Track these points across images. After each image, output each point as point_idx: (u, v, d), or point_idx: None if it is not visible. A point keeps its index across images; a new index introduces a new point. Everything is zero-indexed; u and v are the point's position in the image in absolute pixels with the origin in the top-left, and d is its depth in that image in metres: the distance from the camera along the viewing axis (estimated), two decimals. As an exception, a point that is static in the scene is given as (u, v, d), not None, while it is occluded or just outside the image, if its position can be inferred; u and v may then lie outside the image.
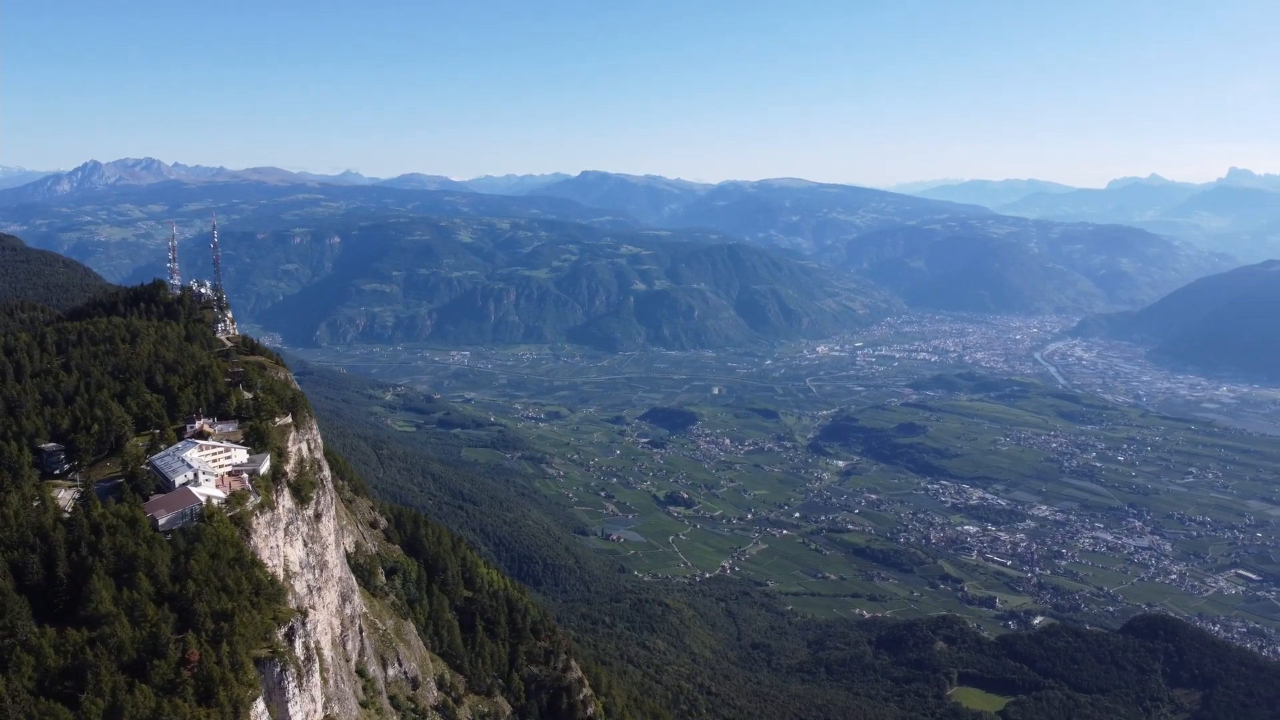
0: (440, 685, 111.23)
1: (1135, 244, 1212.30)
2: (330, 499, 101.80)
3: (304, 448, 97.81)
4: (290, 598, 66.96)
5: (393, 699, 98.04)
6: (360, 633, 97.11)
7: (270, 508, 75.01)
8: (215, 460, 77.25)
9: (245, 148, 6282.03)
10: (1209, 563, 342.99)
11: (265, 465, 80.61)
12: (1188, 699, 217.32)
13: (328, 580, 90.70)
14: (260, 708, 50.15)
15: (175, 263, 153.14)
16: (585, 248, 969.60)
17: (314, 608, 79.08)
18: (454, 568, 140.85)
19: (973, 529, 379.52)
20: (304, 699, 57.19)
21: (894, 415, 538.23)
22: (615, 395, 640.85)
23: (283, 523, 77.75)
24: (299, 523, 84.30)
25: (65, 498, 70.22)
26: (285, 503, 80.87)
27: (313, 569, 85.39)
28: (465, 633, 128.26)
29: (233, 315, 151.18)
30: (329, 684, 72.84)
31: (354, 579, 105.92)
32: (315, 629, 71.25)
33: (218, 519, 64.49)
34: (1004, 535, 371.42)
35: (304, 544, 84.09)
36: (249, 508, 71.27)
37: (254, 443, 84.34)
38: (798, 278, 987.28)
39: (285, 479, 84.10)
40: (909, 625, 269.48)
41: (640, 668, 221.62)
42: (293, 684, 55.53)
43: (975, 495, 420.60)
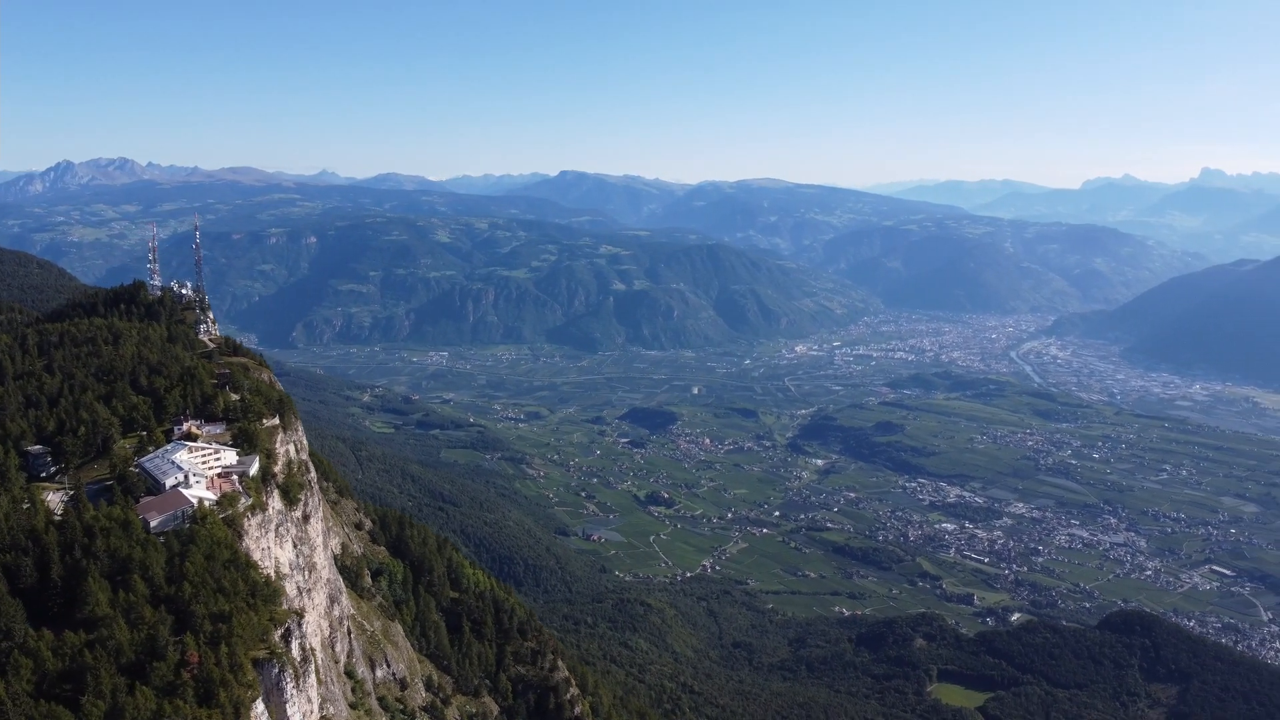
0: (428, 686, 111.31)
1: (1109, 244, 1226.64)
2: (317, 500, 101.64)
3: (291, 449, 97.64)
4: (284, 599, 66.93)
5: (381, 700, 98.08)
6: (349, 634, 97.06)
7: (261, 509, 74.94)
8: (205, 462, 77.02)
9: (220, 147, 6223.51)
10: (1183, 559, 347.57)
11: (254, 467, 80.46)
12: (1164, 693, 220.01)
13: (316, 582, 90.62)
14: (260, 708, 50.29)
15: (155, 263, 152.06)
16: (564, 248, 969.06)
17: (304, 609, 78.98)
18: (440, 569, 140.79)
19: (950, 527, 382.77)
20: (301, 700, 57.31)
21: (872, 414, 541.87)
22: (595, 395, 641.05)
23: (273, 524, 77.70)
24: (288, 524, 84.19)
25: (54, 500, 69.84)
26: (275, 504, 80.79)
27: (302, 570, 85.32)
28: (452, 633, 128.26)
29: (214, 316, 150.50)
30: (324, 685, 72.85)
31: (341, 580, 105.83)
32: (308, 630, 71.25)
33: (211, 521, 64.39)
34: (981, 533, 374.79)
35: (293, 546, 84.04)
36: (241, 509, 71.18)
37: (243, 444, 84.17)
38: (776, 278, 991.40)
39: (274, 481, 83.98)
40: (888, 623, 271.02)
41: (623, 667, 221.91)
42: (290, 685, 55.67)
43: (953, 493, 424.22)
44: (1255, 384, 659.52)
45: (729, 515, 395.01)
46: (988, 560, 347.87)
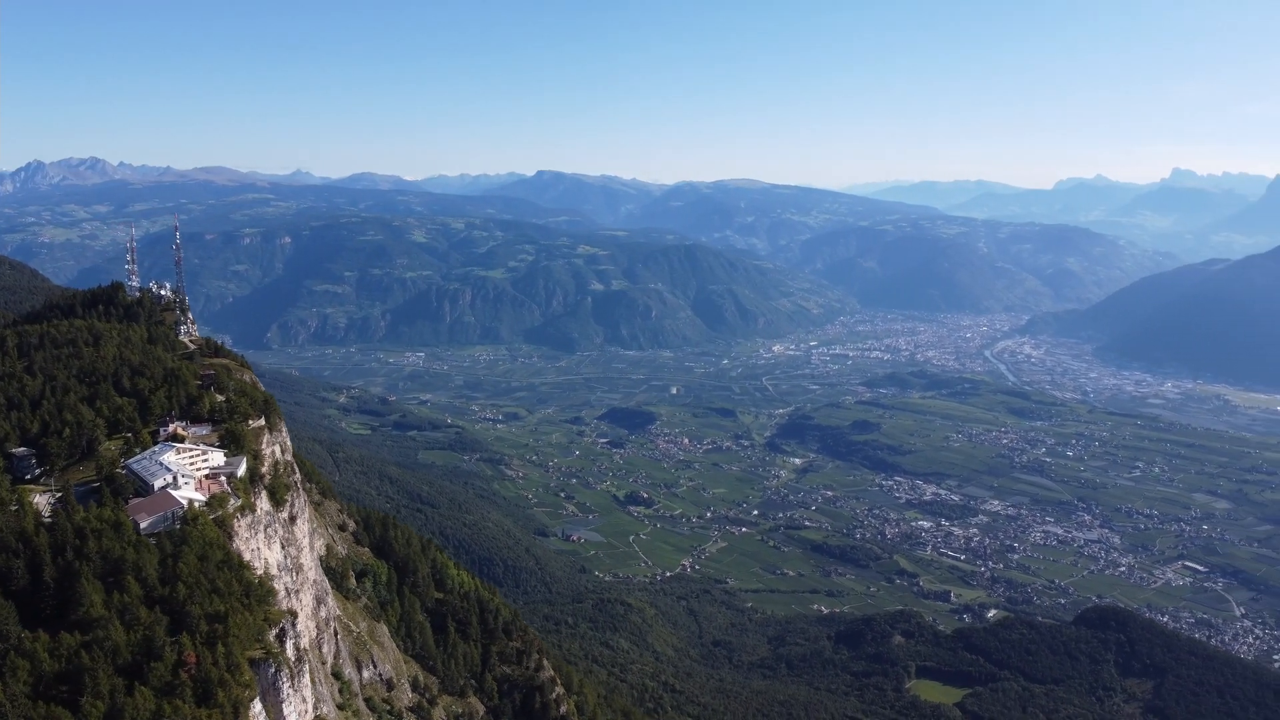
0: (414, 687, 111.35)
1: (1081, 243, 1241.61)
2: (303, 502, 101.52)
3: (277, 450, 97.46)
4: (277, 599, 67.01)
5: (368, 701, 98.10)
6: (335, 635, 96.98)
7: (250, 510, 74.90)
8: (193, 463, 76.81)
9: (193, 147, 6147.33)
10: (1157, 555, 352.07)
11: (242, 468, 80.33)
12: (1139, 688, 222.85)
13: (303, 583, 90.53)
14: (257, 708, 50.48)
15: (134, 264, 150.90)
16: (542, 248, 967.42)
17: (296, 610, 78.94)
18: (424, 569, 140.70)
19: (927, 524, 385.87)
20: (296, 699, 57.46)
21: (848, 413, 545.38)
22: (573, 396, 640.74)
23: (262, 525, 77.64)
24: (276, 526, 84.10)
25: (42, 502, 69.49)
26: (263, 505, 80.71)
27: (290, 572, 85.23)
28: (437, 634, 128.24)
29: (193, 317, 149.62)
30: (317, 685, 72.95)
31: (327, 582, 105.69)
32: (301, 630, 71.34)
33: (202, 522, 64.35)
34: (957, 530, 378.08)
35: (281, 547, 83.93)
36: (230, 510, 71.13)
37: (229, 445, 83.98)
38: (753, 278, 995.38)
39: (262, 482, 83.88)
40: (867, 620, 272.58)
41: (605, 667, 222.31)
42: (286, 684, 55.83)
43: (929, 491, 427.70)
44: (1226, 382, 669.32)
45: (708, 514, 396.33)
46: (964, 557, 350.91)
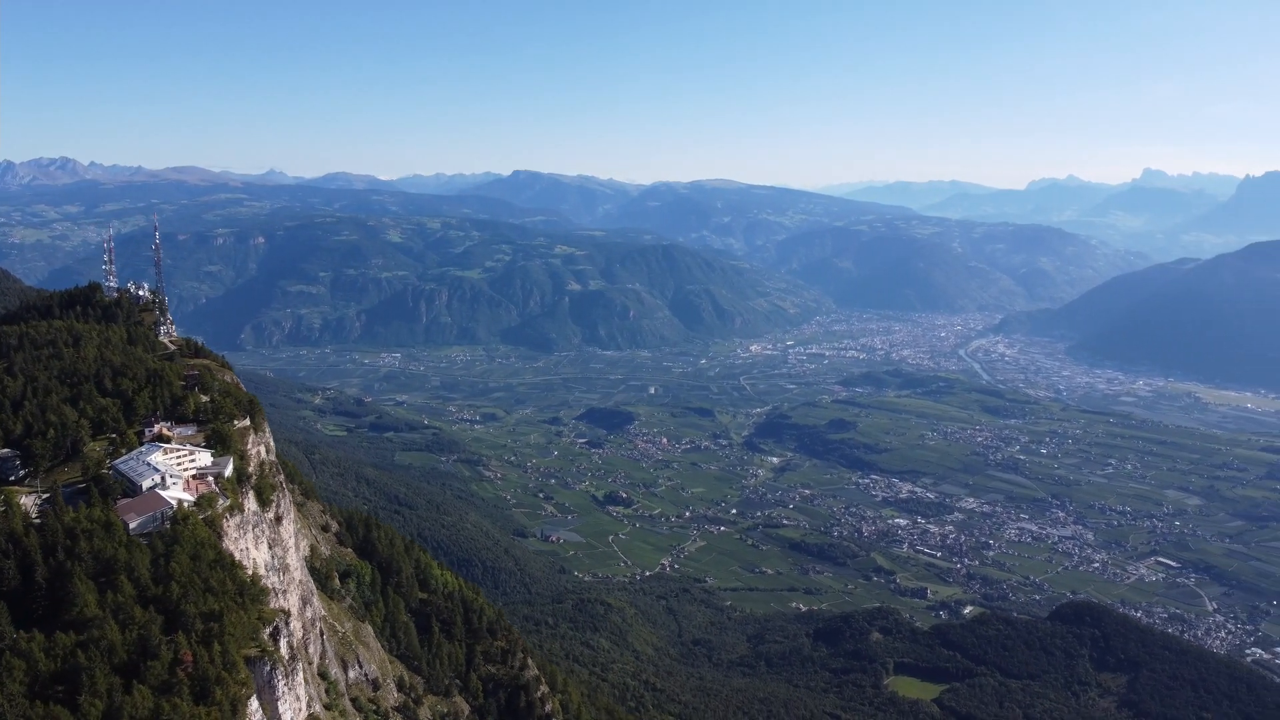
0: (400, 686, 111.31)
1: (1054, 243, 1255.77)
2: (289, 502, 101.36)
3: (262, 450, 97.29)
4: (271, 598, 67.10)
5: (354, 701, 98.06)
6: (321, 635, 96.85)
7: (239, 510, 74.88)
8: (180, 464, 76.61)
9: (164, 146, 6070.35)
10: (1130, 551, 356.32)
11: (229, 468, 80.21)
12: (1114, 682, 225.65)
13: (290, 583, 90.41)
14: (255, 705, 50.69)
15: (112, 264, 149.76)
16: (519, 248, 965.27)
17: (285, 609, 78.91)
18: (408, 570, 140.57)
19: (903, 522, 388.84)
20: (291, 697, 57.68)
21: (825, 412, 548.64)
22: (552, 396, 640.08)
23: (250, 525, 77.60)
24: (263, 526, 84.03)
25: (28, 503, 69.14)
26: (251, 506, 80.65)
27: (277, 572, 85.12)
28: (422, 634, 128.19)
29: (172, 318, 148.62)
30: (307, 684, 73.05)
31: (312, 582, 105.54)
32: (294, 629, 71.42)
33: (192, 521, 64.32)
34: (933, 527, 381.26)
35: (268, 547, 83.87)
36: (220, 510, 71.10)
37: (216, 446, 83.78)
38: (730, 278, 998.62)
39: (249, 482, 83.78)
40: (845, 617, 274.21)
41: (586, 666, 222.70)
42: (282, 682, 56.05)
43: (905, 489, 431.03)
44: (1197, 379, 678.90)
45: (687, 514, 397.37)
46: (940, 554, 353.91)
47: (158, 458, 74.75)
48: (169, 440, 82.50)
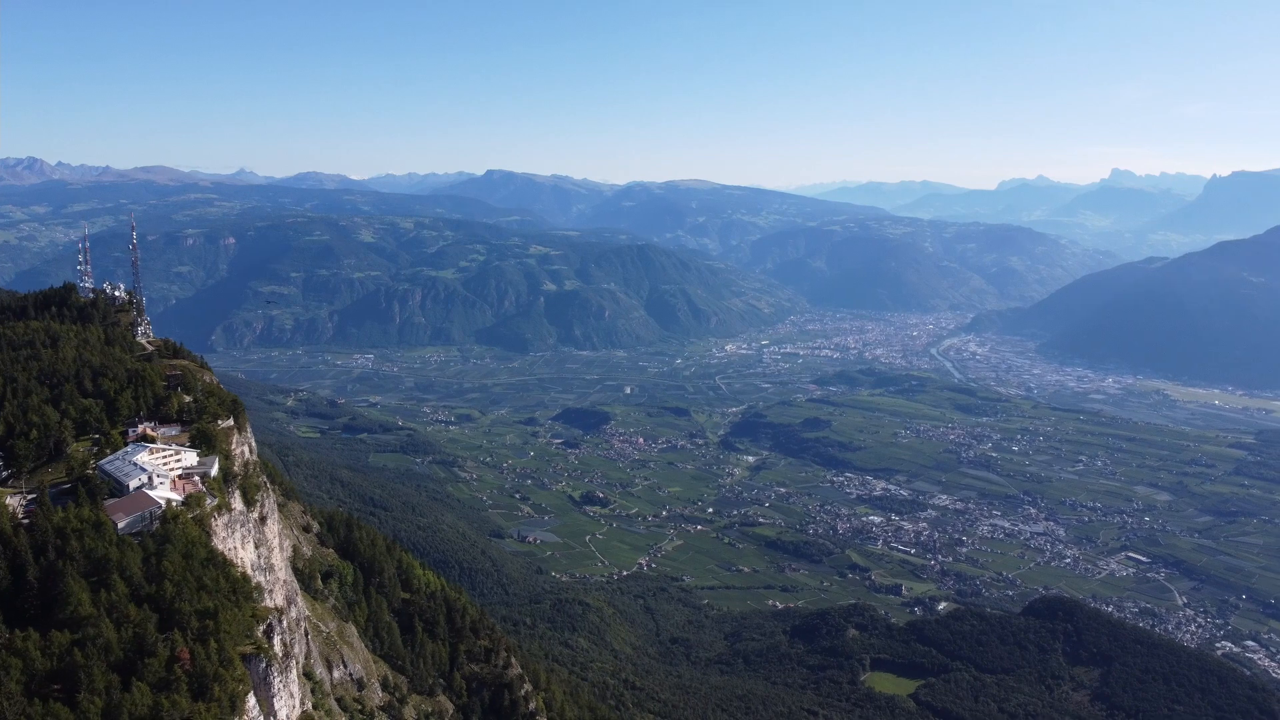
0: (384, 686, 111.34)
1: (1024, 243, 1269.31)
2: (273, 502, 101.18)
3: (246, 450, 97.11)
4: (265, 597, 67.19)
5: (340, 700, 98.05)
6: (306, 636, 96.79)
7: (227, 510, 74.86)
8: (166, 464, 76.47)
9: (132, 146, 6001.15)
10: (1101, 546, 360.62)
11: (215, 468, 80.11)
12: (1087, 675, 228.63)
13: (275, 583, 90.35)
14: (252, 701, 50.94)
15: (88, 265, 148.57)
16: (493, 247, 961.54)
17: (279, 607, 78.96)
18: (390, 570, 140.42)
19: (877, 519, 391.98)
20: (286, 694, 57.91)
21: (800, 410, 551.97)
22: (527, 396, 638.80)
23: (237, 525, 77.57)
24: (249, 525, 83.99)
25: (13, 504, 68.77)
26: (237, 505, 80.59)
27: (262, 571, 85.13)
28: (405, 634, 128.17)
29: (149, 318, 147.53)
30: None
31: (296, 582, 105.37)
32: (287, 627, 71.51)
33: (182, 521, 64.32)
34: (907, 524, 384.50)
35: (254, 546, 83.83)
36: (208, 510, 71.07)
37: (201, 446, 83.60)
38: (705, 278, 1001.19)
39: (235, 481, 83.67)
40: (821, 614, 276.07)
41: (566, 666, 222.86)
42: (277, 679, 56.28)
43: (879, 486, 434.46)
44: (1165, 377, 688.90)
45: (664, 513, 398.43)
46: (914, 551, 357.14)
47: (144, 457, 74.57)
48: (154, 440, 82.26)
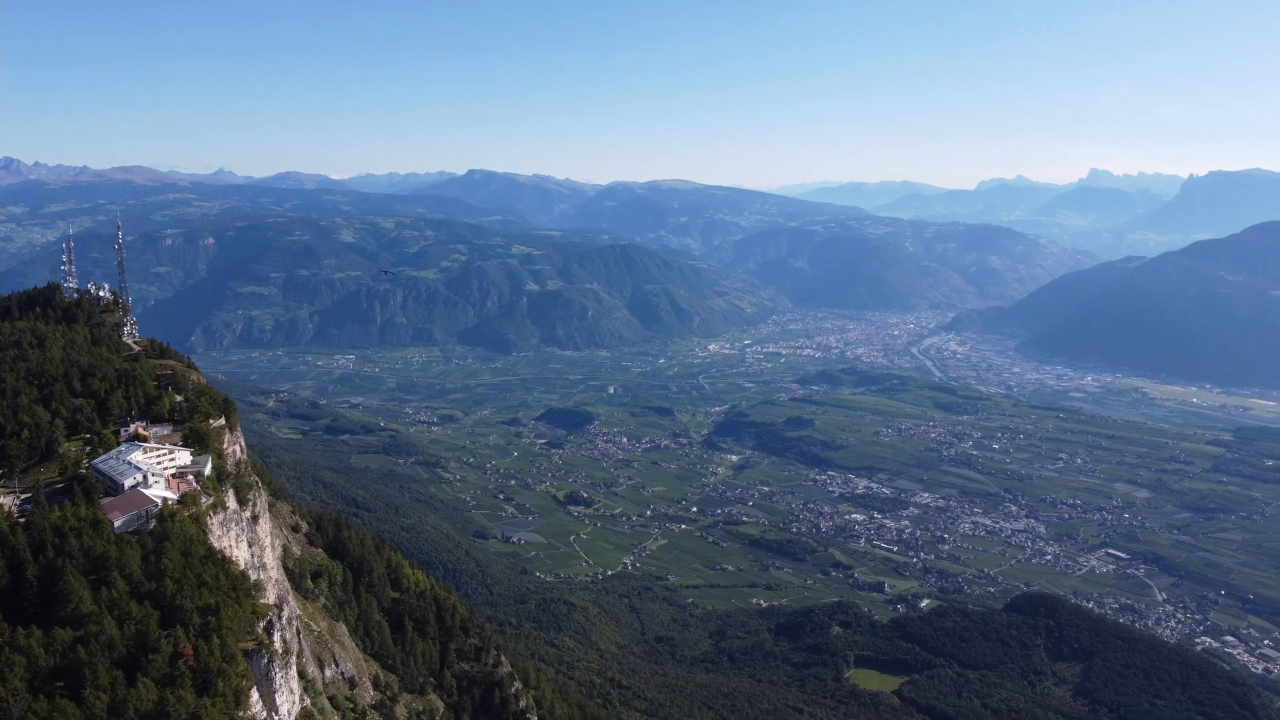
0: (376, 685, 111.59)
1: (1004, 242, 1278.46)
2: (264, 501, 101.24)
3: (237, 449, 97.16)
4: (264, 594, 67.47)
5: (332, 699, 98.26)
6: (298, 635, 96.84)
7: (222, 508, 75.02)
8: (160, 462, 76.55)
9: (110, 146, 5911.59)
10: (1081, 543, 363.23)
11: (208, 467, 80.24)
12: (1069, 671, 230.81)
13: (267, 582, 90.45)
14: (255, 696, 51.29)
15: (72, 265, 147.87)
16: (475, 247, 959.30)
17: (279, 604, 79.19)
18: (380, 569, 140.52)
19: (860, 517, 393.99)
20: (286, 690, 58.25)
21: (782, 409, 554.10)
22: (510, 397, 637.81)
23: (232, 523, 77.72)
24: (242, 524, 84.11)
25: (7, 503, 68.72)
26: (231, 504, 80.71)
27: (255, 570, 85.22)
28: (395, 633, 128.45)
29: (134, 319, 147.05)
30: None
31: (288, 581, 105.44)
32: (286, 623, 71.78)
33: (180, 519, 64.51)
34: (889, 522, 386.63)
35: (248, 545, 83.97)
36: (204, 508, 71.22)
37: (193, 445, 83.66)
38: (688, 277, 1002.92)
39: (228, 480, 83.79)
40: (805, 612, 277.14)
41: (552, 665, 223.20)
42: (278, 675, 56.62)
43: (861, 485, 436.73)
44: (1143, 375, 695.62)
45: (648, 512, 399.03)
46: (896, 549, 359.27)
47: (138, 456, 74.64)
48: (146, 439, 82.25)
